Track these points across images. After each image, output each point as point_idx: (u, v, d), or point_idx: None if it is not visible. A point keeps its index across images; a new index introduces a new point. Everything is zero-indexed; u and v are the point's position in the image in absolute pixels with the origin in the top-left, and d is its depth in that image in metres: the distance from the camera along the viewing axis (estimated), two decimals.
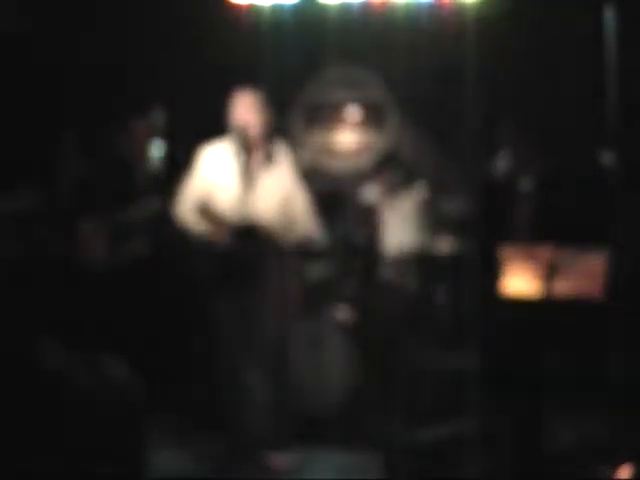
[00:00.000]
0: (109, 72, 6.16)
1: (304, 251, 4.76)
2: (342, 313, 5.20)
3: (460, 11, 6.12)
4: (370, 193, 5.95)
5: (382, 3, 6.26)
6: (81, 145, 5.83)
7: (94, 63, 6.21)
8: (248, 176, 4.14)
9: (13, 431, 0.99)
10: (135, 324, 4.94)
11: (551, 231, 4.44)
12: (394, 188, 5.73)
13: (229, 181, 4.14)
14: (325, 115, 6.72)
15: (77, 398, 1.03)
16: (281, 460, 4.20)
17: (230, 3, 6.36)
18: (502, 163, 5.14)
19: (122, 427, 1.08)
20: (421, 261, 5.18)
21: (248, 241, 4.04)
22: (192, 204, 4.24)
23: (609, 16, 4.62)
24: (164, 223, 4.93)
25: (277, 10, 6.22)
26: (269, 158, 4.24)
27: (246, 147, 4.11)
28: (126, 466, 1.09)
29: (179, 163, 5.20)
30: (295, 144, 6.37)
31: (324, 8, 6.27)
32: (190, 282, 4.44)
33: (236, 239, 4.05)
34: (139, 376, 1.12)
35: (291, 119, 6.67)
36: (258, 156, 4.23)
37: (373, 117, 6.70)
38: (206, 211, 4.19)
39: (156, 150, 5.26)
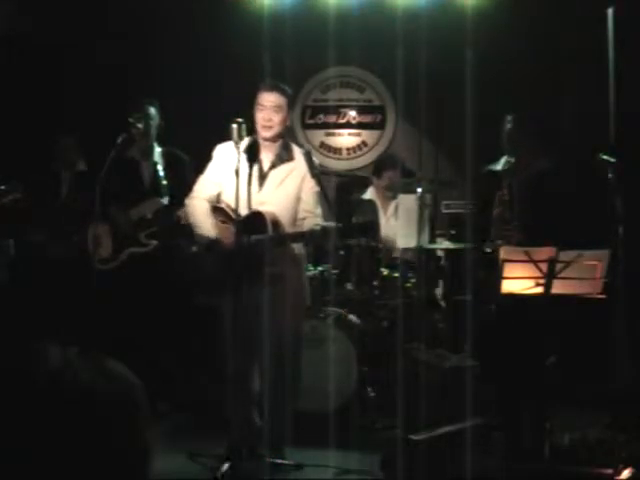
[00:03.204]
0: (109, 72, 6.16)
1: (309, 248, 4.76)
2: (342, 312, 5.19)
3: (460, 10, 6.13)
4: (370, 193, 5.94)
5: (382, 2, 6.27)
6: (83, 145, 5.84)
7: (94, 63, 6.21)
8: (261, 171, 4.19)
9: (12, 431, 0.98)
10: (138, 322, 4.94)
11: (551, 231, 4.44)
12: (394, 188, 5.72)
13: (241, 177, 4.14)
14: (325, 115, 6.72)
15: (77, 397, 1.03)
16: (281, 459, 4.20)
17: (230, 1, 6.36)
18: (502, 163, 5.13)
19: (123, 427, 1.08)
20: (421, 261, 5.17)
21: (255, 234, 4.04)
22: (205, 200, 4.29)
23: (610, 17, 4.61)
24: (169, 222, 4.93)
25: (277, 9, 6.21)
26: (284, 155, 4.27)
27: (263, 144, 4.15)
28: (128, 466, 1.08)
29: (180, 163, 5.21)
30: (294, 144, 6.38)
31: (324, 7, 6.28)
32: (194, 280, 4.44)
33: (245, 231, 4.05)
34: (141, 375, 1.12)
35: (291, 119, 6.66)
36: (274, 151, 4.26)
37: (373, 117, 6.70)
38: (218, 208, 4.24)
39: (158, 150, 5.26)
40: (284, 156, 4.27)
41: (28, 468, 1.01)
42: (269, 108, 4.19)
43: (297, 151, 4.33)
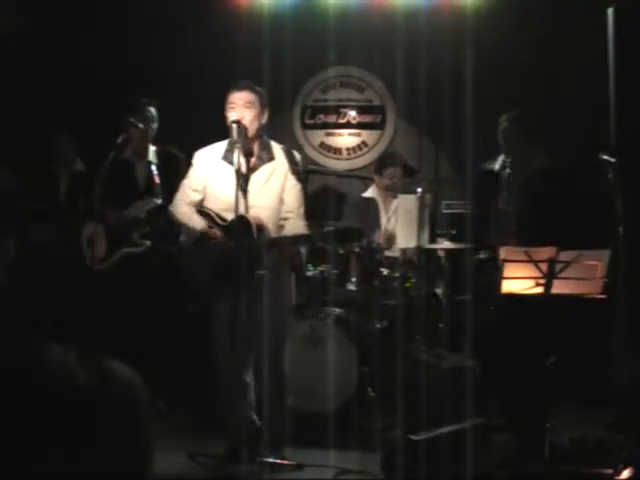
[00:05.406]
0: (108, 71, 6.16)
1: (304, 249, 4.76)
2: (341, 312, 5.19)
3: (460, 10, 6.13)
4: (370, 193, 5.93)
5: (382, 2, 6.27)
6: (79, 145, 5.85)
7: (92, 63, 6.21)
8: (243, 173, 4.17)
9: (12, 433, 0.98)
10: (133, 323, 4.93)
11: (551, 231, 4.44)
12: (394, 187, 5.71)
13: (224, 179, 4.15)
14: (325, 115, 6.72)
15: (77, 398, 1.03)
16: (281, 459, 4.20)
17: (230, 1, 6.36)
18: (499, 162, 5.14)
19: (124, 427, 1.08)
20: (421, 261, 5.17)
21: (243, 238, 4.04)
22: (189, 205, 4.29)
23: (610, 17, 4.62)
24: (161, 222, 4.93)
25: (277, 9, 6.21)
26: (264, 154, 4.26)
27: (242, 144, 4.11)
28: (128, 467, 1.08)
29: (176, 161, 5.21)
30: (295, 144, 6.38)
31: (324, 7, 6.27)
32: (187, 281, 4.44)
33: (232, 236, 4.06)
34: (140, 376, 1.12)
35: (291, 119, 6.67)
36: (254, 152, 4.25)
37: (373, 117, 6.69)
38: (204, 212, 4.24)
39: (152, 149, 5.25)
40: (264, 156, 4.26)
41: (28, 469, 1.01)
42: (240, 106, 4.17)
43: (277, 149, 4.32)
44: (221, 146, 4.29)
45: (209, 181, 4.28)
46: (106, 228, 5.12)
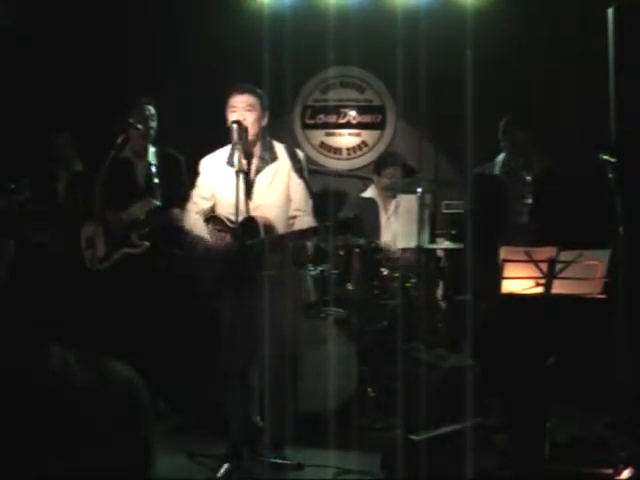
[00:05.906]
0: (107, 71, 6.16)
1: (305, 249, 4.76)
2: (342, 312, 5.19)
3: (460, 10, 6.13)
4: (369, 193, 5.93)
5: (382, 2, 6.27)
6: (78, 145, 5.85)
7: (92, 63, 6.22)
8: (246, 173, 4.17)
9: (12, 433, 0.98)
10: (136, 323, 4.93)
11: (551, 231, 4.44)
12: (394, 187, 5.71)
13: (230, 183, 4.15)
14: (325, 115, 6.72)
15: (77, 398, 1.02)
16: (281, 459, 4.20)
17: (230, 1, 6.36)
18: (502, 163, 5.15)
19: (125, 427, 1.08)
20: (420, 260, 5.17)
21: (250, 239, 4.04)
22: (199, 214, 4.31)
23: (610, 17, 4.62)
24: (160, 223, 4.93)
25: (277, 9, 6.21)
26: (267, 155, 4.26)
27: (242, 145, 4.11)
28: (130, 467, 1.08)
29: (175, 162, 5.21)
30: (295, 144, 6.38)
31: (324, 7, 6.27)
32: (192, 281, 4.44)
33: (238, 238, 4.06)
34: (141, 376, 1.12)
35: (291, 119, 6.67)
36: (255, 154, 4.25)
37: (373, 117, 6.69)
38: (214, 216, 4.25)
39: (152, 150, 5.25)
40: (267, 157, 4.26)
41: (28, 468, 1.01)
42: (241, 109, 4.18)
43: (280, 148, 4.33)
44: (225, 151, 4.29)
45: (216, 187, 4.29)
46: (105, 229, 5.11)
